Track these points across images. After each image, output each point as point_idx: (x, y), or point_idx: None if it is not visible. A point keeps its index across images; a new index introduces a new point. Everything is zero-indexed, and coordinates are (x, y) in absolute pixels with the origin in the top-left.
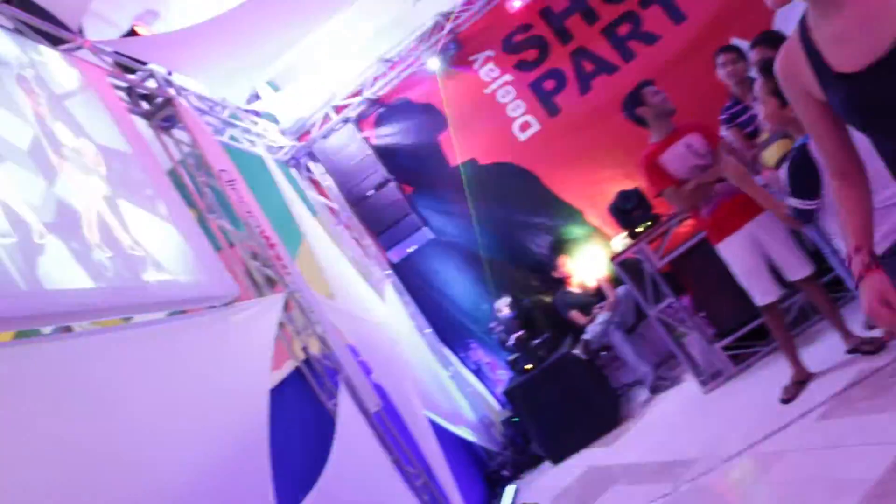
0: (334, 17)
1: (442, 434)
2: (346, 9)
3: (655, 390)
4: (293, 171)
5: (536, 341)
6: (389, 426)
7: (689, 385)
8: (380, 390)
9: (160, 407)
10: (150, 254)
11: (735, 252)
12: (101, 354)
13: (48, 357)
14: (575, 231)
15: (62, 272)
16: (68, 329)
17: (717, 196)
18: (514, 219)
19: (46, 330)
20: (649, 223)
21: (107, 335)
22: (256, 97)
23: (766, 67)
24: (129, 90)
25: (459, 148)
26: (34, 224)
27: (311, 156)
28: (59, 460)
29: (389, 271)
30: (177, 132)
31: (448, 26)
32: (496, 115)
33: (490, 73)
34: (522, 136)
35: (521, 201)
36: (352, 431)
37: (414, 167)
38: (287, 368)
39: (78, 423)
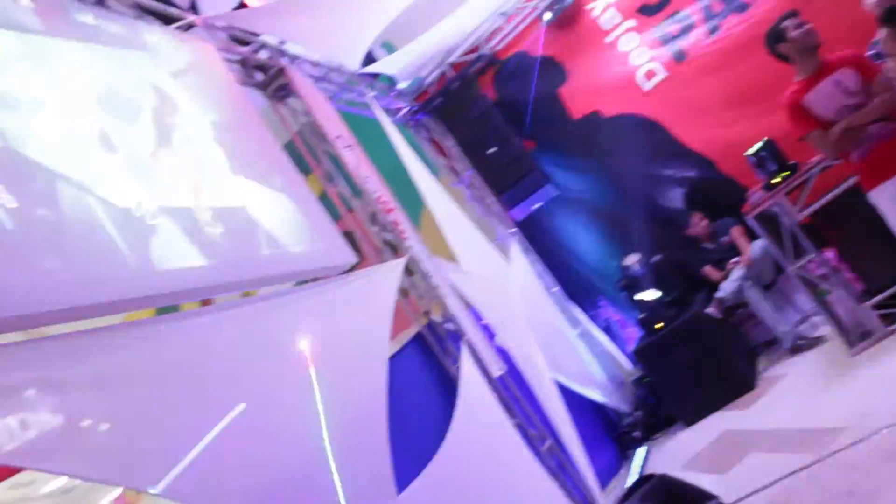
0: None
1: (570, 397)
2: None
3: (795, 351)
4: (412, 132)
5: (667, 299)
6: (514, 390)
7: (833, 346)
8: (504, 354)
9: (280, 379)
10: (264, 227)
11: (891, 200)
12: (225, 327)
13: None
14: (707, 183)
15: (174, 252)
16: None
17: (872, 138)
18: (642, 172)
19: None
20: (787, 173)
21: (234, 310)
22: (371, 60)
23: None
24: (243, 62)
25: (582, 100)
26: (147, 204)
27: (430, 115)
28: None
29: (514, 230)
30: (292, 101)
31: None
32: (619, 65)
33: (611, 20)
34: (647, 85)
35: (649, 153)
36: (475, 396)
37: (535, 122)
38: (408, 334)
39: (213, 393)
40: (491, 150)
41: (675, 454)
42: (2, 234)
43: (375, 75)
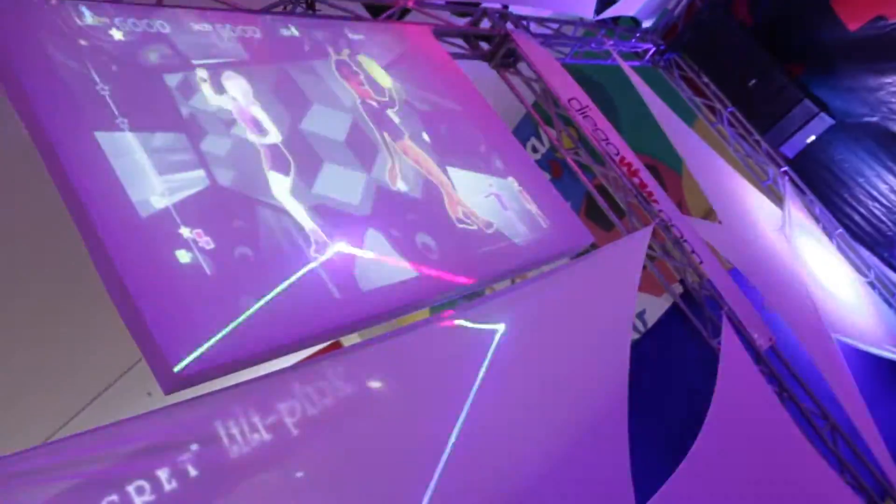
0: None
1: (859, 361)
2: None
3: None
4: (662, 74)
5: None
6: (786, 364)
7: None
8: (773, 321)
9: (525, 372)
10: (484, 222)
11: None
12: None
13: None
14: None
15: (380, 267)
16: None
17: None
18: None
19: None
20: None
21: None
22: (609, 2)
23: None
24: (465, 35)
25: (859, 4)
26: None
27: (681, 53)
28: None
29: (785, 168)
30: (521, 67)
31: None
32: None
33: None
34: None
35: None
36: (739, 373)
37: (802, 42)
38: (661, 305)
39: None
40: (752, 83)
41: None
42: (202, 279)
43: (615, 19)
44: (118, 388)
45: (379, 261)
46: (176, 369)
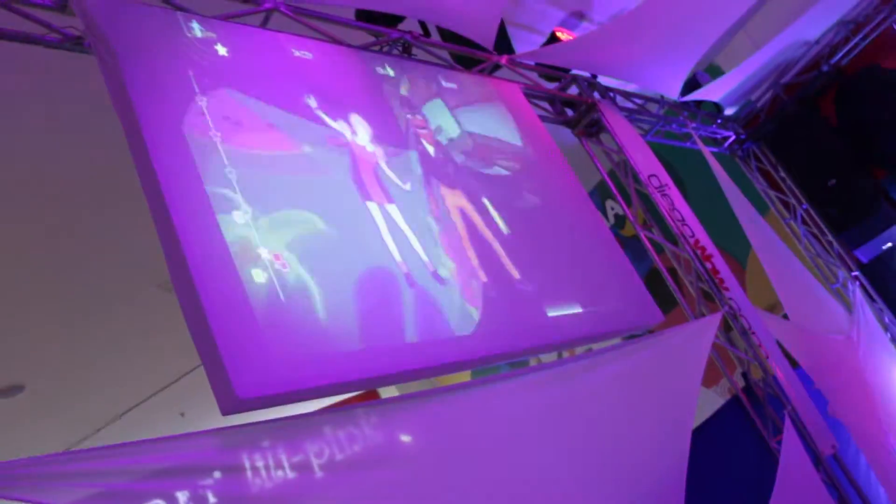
0: None
1: None
2: None
3: None
4: (739, 163)
5: None
6: (846, 471)
7: None
8: (837, 427)
9: (574, 447)
10: (549, 284)
11: None
12: (521, 392)
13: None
14: None
15: (439, 319)
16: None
17: None
18: None
19: None
20: None
21: (529, 377)
22: (694, 85)
23: None
24: (551, 99)
25: None
26: (421, 271)
27: (760, 144)
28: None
29: (856, 273)
30: (603, 137)
31: None
32: None
33: None
34: None
35: None
36: (798, 477)
37: (886, 147)
38: (720, 396)
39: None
40: (831, 182)
41: None
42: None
43: (698, 103)
44: (152, 404)
45: (444, 312)
46: (238, 397)
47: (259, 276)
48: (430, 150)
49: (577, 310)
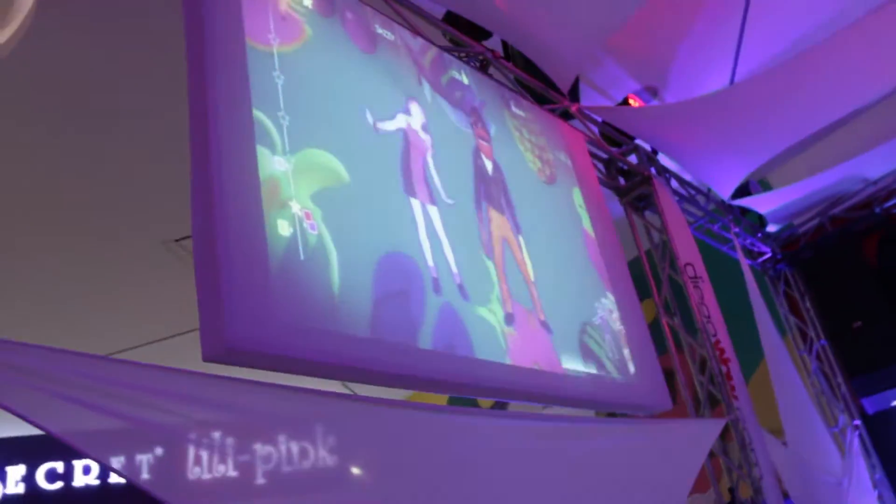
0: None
1: None
2: None
3: None
4: (767, 281)
5: None
6: None
7: None
8: None
9: None
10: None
11: None
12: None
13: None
14: None
15: (461, 335)
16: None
17: None
18: None
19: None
20: None
21: (529, 422)
22: (745, 192)
23: None
24: (608, 162)
25: None
26: (449, 281)
27: (794, 268)
28: None
29: (858, 422)
30: (649, 214)
31: None
32: None
33: None
34: None
35: None
36: None
37: None
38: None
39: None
40: (857, 324)
41: None
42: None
43: (745, 210)
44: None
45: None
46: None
47: (285, 228)
48: (489, 165)
49: (592, 371)
